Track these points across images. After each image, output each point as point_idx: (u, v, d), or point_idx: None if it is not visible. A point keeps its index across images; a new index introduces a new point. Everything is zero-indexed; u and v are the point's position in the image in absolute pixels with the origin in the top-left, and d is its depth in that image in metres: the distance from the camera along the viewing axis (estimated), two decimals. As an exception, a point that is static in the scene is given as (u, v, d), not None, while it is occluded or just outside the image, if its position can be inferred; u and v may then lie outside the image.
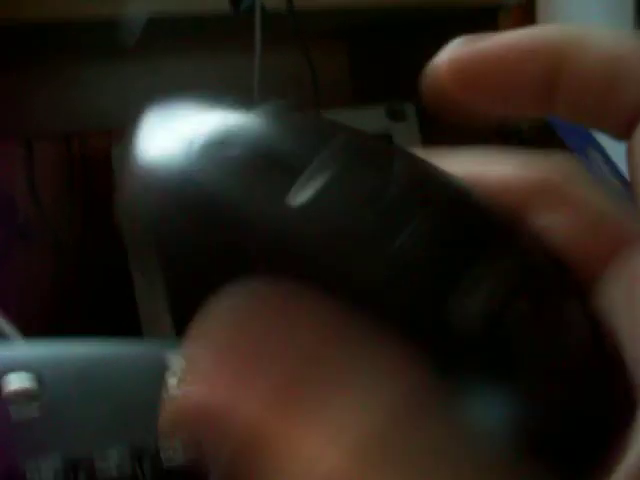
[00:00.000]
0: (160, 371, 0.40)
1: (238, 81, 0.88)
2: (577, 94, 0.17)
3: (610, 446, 0.15)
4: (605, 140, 0.83)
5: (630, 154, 0.17)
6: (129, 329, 0.70)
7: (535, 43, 0.18)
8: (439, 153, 0.18)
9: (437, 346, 0.14)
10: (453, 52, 0.18)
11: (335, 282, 0.15)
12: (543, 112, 0.18)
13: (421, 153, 0.17)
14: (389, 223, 0.15)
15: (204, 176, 0.16)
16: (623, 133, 0.17)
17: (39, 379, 0.38)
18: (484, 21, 1.03)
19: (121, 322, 0.83)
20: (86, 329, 0.52)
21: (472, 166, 0.18)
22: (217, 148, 0.16)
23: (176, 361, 0.42)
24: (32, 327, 0.60)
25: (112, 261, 1.03)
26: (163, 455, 0.35)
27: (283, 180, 0.15)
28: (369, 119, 1.09)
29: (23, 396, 0.36)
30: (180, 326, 0.15)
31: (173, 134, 0.17)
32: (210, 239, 0.15)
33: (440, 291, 0.15)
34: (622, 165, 0.79)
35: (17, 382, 0.37)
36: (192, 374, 0.15)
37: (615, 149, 0.78)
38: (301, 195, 0.15)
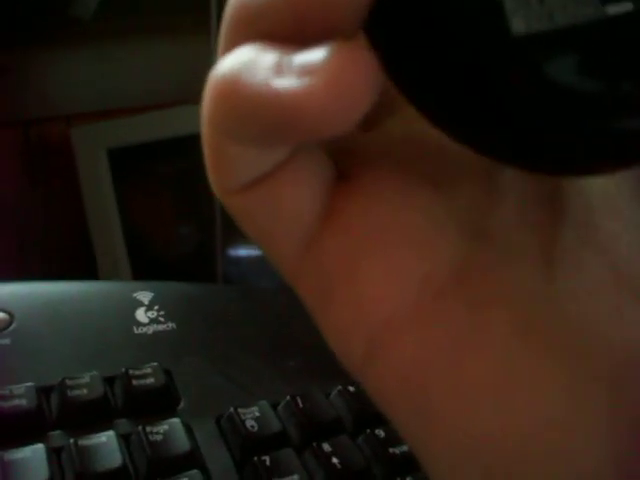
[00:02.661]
0: (126, 305, 0.41)
1: (195, 60, 0.89)
2: None
3: None
4: None
5: None
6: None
7: None
8: None
9: None
10: None
11: None
12: None
13: None
14: None
15: None
16: None
17: (9, 312, 0.39)
18: None
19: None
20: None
21: None
22: None
23: (143, 296, 0.42)
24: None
25: (74, 243, 1.03)
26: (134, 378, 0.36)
27: None
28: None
29: (-6, 326, 0.37)
30: None
31: None
32: None
33: None
34: None
35: (-13, 315, 0.38)
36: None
37: None
38: None
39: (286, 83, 0.14)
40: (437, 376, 0.17)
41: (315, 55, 0.14)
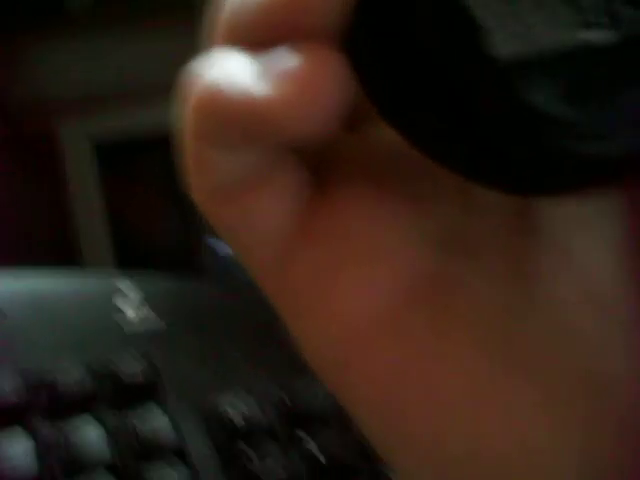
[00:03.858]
0: (110, 297, 0.42)
1: (181, 50, 0.89)
2: None
3: None
4: None
5: None
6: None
7: None
8: None
9: None
10: None
11: None
12: None
13: None
14: None
15: None
16: None
17: (-4, 304, 0.39)
18: None
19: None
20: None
21: None
22: None
23: (126, 289, 0.43)
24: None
25: (60, 235, 1.03)
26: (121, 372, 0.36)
27: None
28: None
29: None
30: None
31: None
32: None
33: None
34: None
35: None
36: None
37: None
38: None
39: (262, 88, 0.15)
40: (408, 389, 0.17)
41: (288, 61, 0.15)
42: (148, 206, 1.10)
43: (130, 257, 1.04)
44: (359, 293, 0.18)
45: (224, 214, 0.18)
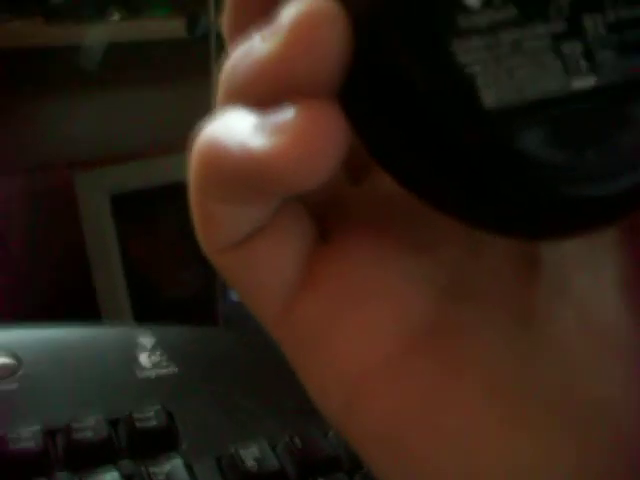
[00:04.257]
0: (129, 349, 0.43)
1: (196, 106, 0.91)
2: None
3: None
4: None
5: None
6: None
7: None
8: None
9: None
10: None
11: None
12: None
13: None
14: None
15: None
16: None
17: (16, 356, 0.40)
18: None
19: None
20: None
21: None
22: None
23: (145, 340, 0.44)
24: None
25: (77, 286, 1.04)
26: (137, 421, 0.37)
27: None
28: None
29: (2, 370, 0.38)
30: None
31: None
32: None
33: None
34: None
35: (-5, 360, 0.39)
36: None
37: None
38: None
39: (259, 143, 0.15)
40: (411, 430, 0.18)
41: (286, 116, 0.15)
42: (165, 255, 1.11)
43: (147, 307, 1.05)
44: (361, 337, 0.18)
45: (230, 263, 0.18)
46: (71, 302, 0.98)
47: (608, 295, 0.18)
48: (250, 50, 0.16)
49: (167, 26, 1.06)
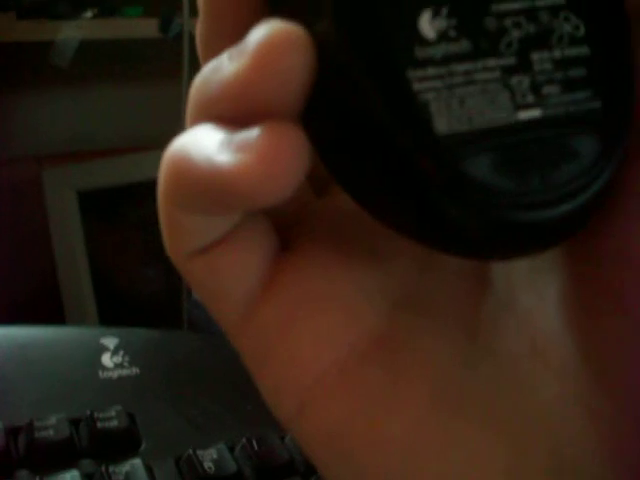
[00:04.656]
0: (92, 350, 0.43)
1: (166, 106, 0.91)
2: None
3: None
4: None
5: None
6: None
7: None
8: None
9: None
10: None
11: None
12: None
13: None
14: None
15: None
16: None
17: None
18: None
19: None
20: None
21: None
22: None
23: (108, 341, 0.44)
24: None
25: (42, 285, 1.04)
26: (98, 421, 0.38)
27: None
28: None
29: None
30: None
31: None
32: None
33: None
34: None
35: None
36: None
37: None
38: None
39: (224, 159, 0.16)
40: (359, 435, 0.19)
41: (250, 134, 0.16)
42: (131, 255, 1.11)
43: (113, 308, 1.05)
44: (315, 344, 0.19)
45: (195, 270, 0.19)
46: (36, 302, 0.98)
47: (550, 312, 0.19)
48: (218, 68, 0.17)
49: (140, 25, 1.06)
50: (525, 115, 0.16)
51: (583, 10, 0.17)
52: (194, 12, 0.99)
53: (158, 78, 1.11)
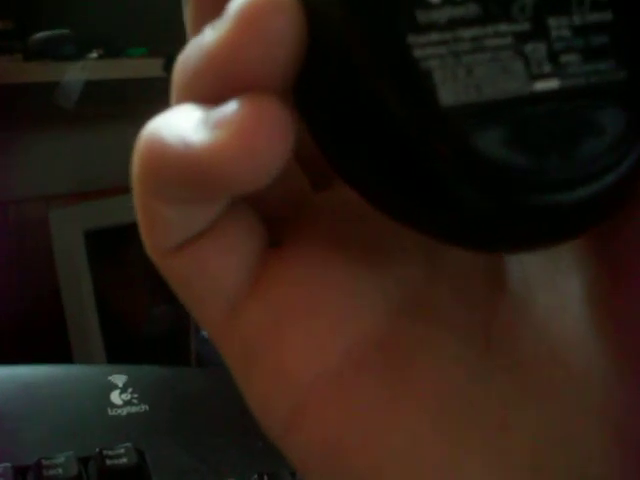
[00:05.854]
0: (101, 387, 0.43)
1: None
2: None
3: None
4: None
5: None
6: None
7: None
8: None
9: None
10: None
11: None
12: None
13: None
14: None
15: None
16: None
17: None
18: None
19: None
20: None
21: None
22: None
23: (117, 378, 0.44)
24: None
25: (50, 323, 1.04)
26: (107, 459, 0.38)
27: None
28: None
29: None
30: None
31: None
32: None
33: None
34: None
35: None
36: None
37: None
38: None
39: (200, 138, 0.14)
40: (355, 447, 0.17)
41: (229, 110, 0.14)
42: (138, 294, 1.11)
43: (120, 346, 1.05)
44: (309, 348, 0.17)
45: (176, 266, 0.18)
46: (43, 340, 0.98)
47: (572, 315, 0.17)
48: (200, 42, 0.15)
49: (145, 65, 1.07)
50: (541, 86, 0.15)
51: None
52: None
53: (163, 116, 1.11)
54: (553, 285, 0.18)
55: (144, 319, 1.10)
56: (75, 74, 1.00)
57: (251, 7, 0.14)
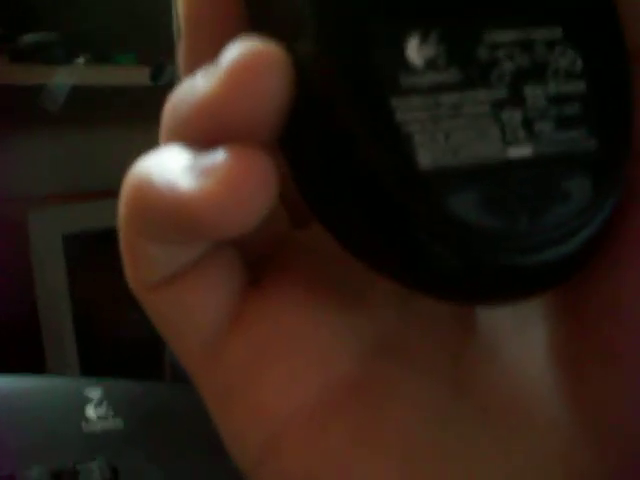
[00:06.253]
0: (75, 403, 0.43)
1: (152, 151, 0.91)
2: None
3: None
4: None
5: None
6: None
7: None
8: None
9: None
10: None
11: None
12: None
13: None
14: None
15: None
16: None
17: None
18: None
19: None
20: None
21: None
22: None
23: (92, 393, 0.44)
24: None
25: (24, 332, 1.03)
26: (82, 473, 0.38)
27: None
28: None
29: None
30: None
31: None
32: None
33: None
34: None
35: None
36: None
37: None
38: None
39: (186, 184, 0.15)
40: None
41: (214, 157, 0.15)
42: (114, 300, 1.10)
43: (94, 353, 1.04)
44: (283, 387, 0.18)
45: (158, 301, 0.18)
46: (16, 348, 0.97)
47: (537, 363, 0.18)
48: (191, 86, 0.16)
49: (132, 73, 1.07)
50: (515, 152, 0.15)
51: (581, 44, 0.16)
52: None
53: (148, 124, 1.11)
54: (520, 332, 0.18)
55: (120, 328, 1.09)
56: (62, 78, 0.99)
57: (242, 62, 0.15)
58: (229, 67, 0.15)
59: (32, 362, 0.93)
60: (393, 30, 0.15)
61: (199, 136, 0.16)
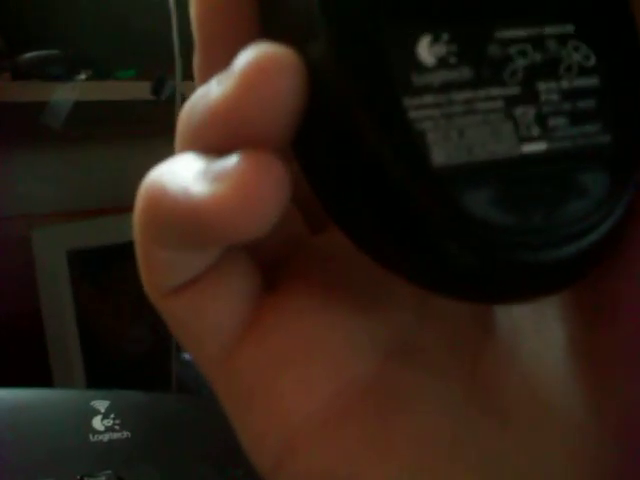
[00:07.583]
0: (82, 415, 0.43)
1: (156, 165, 0.91)
2: None
3: None
4: None
5: None
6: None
7: None
8: None
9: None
10: None
11: None
12: None
13: None
14: None
15: None
16: None
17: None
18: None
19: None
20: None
21: None
22: None
23: (99, 404, 0.44)
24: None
25: (30, 347, 1.03)
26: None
27: None
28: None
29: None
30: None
31: None
32: None
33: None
34: None
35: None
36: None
37: None
38: None
39: (200, 189, 0.15)
40: None
41: (227, 163, 0.15)
42: (119, 315, 1.10)
43: (100, 367, 1.04)
44: (299, 392, 0.18)
45: (174, 307, 0.18)
46: (23, 362, 0.97)
47: (557, 361, 0.18)
48: (205, 93, 0.16)
49: (133, 88, 1.08)
50: (529, 148, 0.15)
51: (594, 39, 0.16)
52: (186, 75, 1.01)
53: (150, 139, 1.12)
54: (538, 331, 0.18)
55: (125, 341, 1.09)
56: (63, 95, 1.00)
57: (255, 67, 0.15)
58: (242, 71, 0.15)
59: (39, 376, 0.93)
60: (404, 30, 0.15)
61: (213, 143, 0.16)
